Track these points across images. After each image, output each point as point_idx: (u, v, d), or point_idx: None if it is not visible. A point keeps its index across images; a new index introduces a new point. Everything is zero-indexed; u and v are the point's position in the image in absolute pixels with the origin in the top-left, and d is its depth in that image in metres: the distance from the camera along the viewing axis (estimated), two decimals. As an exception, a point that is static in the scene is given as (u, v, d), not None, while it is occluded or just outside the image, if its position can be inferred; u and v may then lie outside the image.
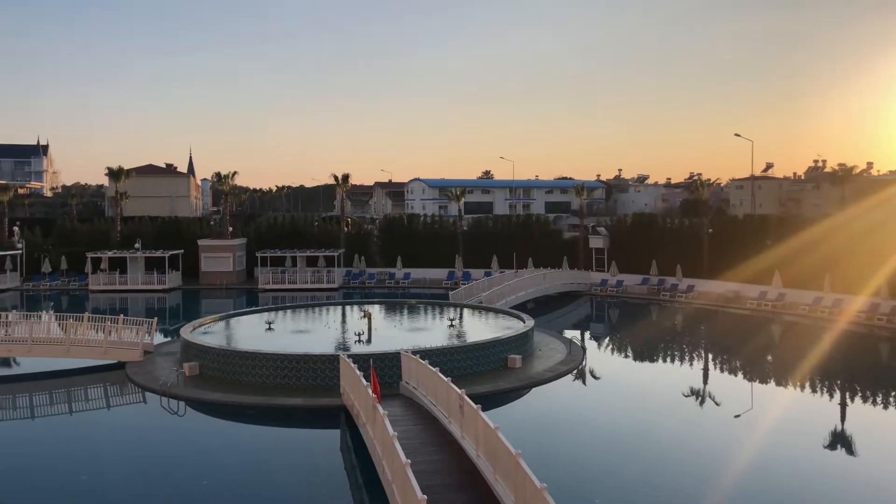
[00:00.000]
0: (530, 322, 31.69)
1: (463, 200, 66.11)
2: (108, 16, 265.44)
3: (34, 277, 59.04)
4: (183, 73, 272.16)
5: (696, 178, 78.03)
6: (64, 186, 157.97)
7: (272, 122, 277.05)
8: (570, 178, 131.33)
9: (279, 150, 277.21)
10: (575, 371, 28.51)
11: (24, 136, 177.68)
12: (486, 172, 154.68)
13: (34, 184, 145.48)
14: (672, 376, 30.28)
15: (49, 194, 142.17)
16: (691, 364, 33.64)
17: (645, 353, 36.04)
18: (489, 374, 26.69)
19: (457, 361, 26.13)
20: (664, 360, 34.45)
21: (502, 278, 47.69)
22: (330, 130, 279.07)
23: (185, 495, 17.09)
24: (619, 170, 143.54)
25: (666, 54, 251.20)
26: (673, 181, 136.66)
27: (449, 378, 18.26)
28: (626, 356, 36.36)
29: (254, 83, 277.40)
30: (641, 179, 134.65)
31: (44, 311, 35.10)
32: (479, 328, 33.44)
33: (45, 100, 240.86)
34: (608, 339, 40.92)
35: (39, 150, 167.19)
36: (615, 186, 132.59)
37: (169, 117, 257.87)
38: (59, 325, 30.59)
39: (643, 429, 22.08)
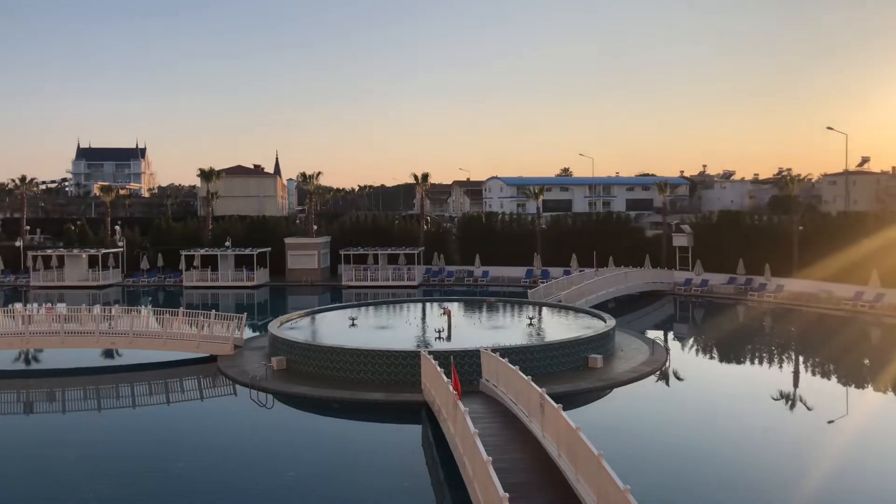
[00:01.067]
0: (611, 322, 31.31)
1: (541, 198, 65.75)
2: (198, 23, 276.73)
3: (134, 274, 62.56)
4: (269, 75, 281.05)
5: (785, 173, 74.78)
6: (160, 187, 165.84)
7: (354, 123, 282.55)
8: (652, 175, 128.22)
9: (361, 150, 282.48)
10: (658, 372, 27.99)
11: (124, 140, 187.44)
12: (565, 170, 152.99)
13: (133, 185, 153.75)
14: (760, 379, 29.29)
15: (146, 195, 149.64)
16: (781, 367, 32.41)
17: (732, 355, 34.99)
18: (569, 373, 26.55)
19: (537, 360, 26.10)
20: (752, 363, 33.32)
21: (582, 277, 47.19)
22: (410, 130, 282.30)
23: (273, 486, 17.74)
24: (704, 166, 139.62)
25: (752, 45, 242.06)
26: (761, 177, 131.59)
27: (529, 377, 18.31)
28: (712, 358, 35.38)
29: (337, 85, 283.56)
30: (727, 175, 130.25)
31: (142, 306, 37.04)
32: (559, 327, 33.25)
33: (143, 104, 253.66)
34: (693, 339, 39.88)
35: (138, 153, 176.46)
36: (700, 183, 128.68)
37: (256, 119, 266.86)
38: (157, 319, 32.26)
39: (729, 433, 21.52)
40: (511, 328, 34.06)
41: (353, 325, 34.23)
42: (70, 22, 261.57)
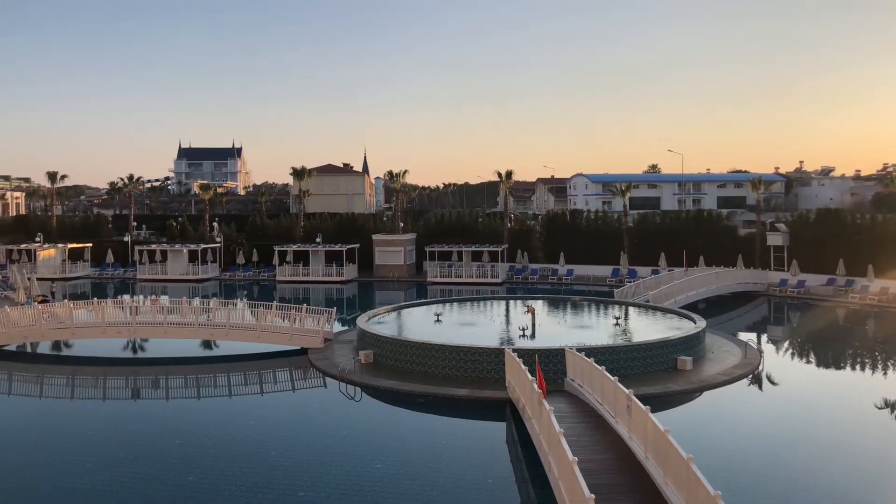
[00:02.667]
0: (701, 323, 30.52)
1: (628, 195, 64.58)
2: (291, 27, 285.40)
3: (230, 268, 65.47)
4: (358, 75, 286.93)
5: (891, 169, 70.55)
6: (255, 185, 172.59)
7: (439, 122, 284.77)
8: (745, 172, 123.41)
9: (446, 148, 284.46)
10: (751, 376, 27.11)
11: (221, 140, 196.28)
12: (653, 166, 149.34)
13: (230, 183, 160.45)
14: (862, 386, 27.83)
15: (242, 193, 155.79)
16: (885, 374, 30.71)
17: (831, 360, 33.45)
18: (657, 375, 26.07)
19: (623, 361, 25.78)
20: (853, 369, 31.73)
21: (671, 276, 46.12)
22: (494, 128, 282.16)
23: (361, 477, 18.25)
24: (801, 162, 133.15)
25: (852, 32, 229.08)
26: (863, 173, 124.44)
27: (615, 377, 18.15)
28: (809, 362, 33.91)
29: (424, 84, 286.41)
30: (826, 172, 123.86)
31: (238, 300, 38.67)
32: (647, 328, 32.66)
33: (239, 106, 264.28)
34: (788, 342, 38.28)
35: (234, 153, 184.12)
36: (796, 180, 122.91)
37: (346, 118, 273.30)
38: (252, 312, 33.66)
39: (826, 441, 20.67)
40: (596, 328, 33.70)
41: (438, 321, 34.66)
42: (171, 28, 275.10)
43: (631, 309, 37.67)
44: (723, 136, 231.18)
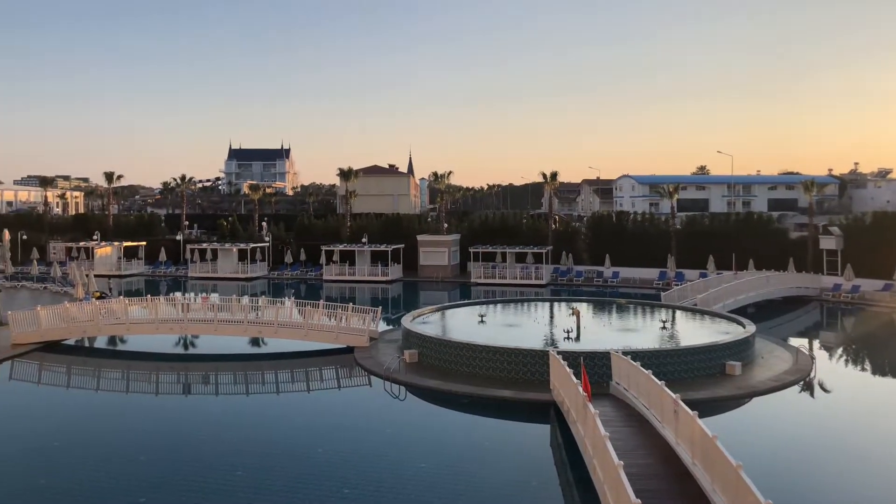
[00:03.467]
0: (751, 327, 29.93)
1: (676, 197, 63.61)
2: (337, 31, 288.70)
3: (278, 267, 66.62)
4: (403, 78, 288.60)
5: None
6: (302, 186, 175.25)
7: (484, 123, 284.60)
8: (797, 173, 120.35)
9: (491, 149, 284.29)
10: (802, 382, 26.49)
11: (270, 142, 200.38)
12: (701, 168, 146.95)
13: (278, 183, 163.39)
14: (920, 396, 27.00)
15: (290, 193, 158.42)
16: (945, 384, 29.68)
17: (887, 367, 32.50)
18: (705, 379, 25.67)
19: (670, 365, 25.46)
20: (910, 378, 30.76)
21: (719, 280, 45.33)
22: (539, 129, 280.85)
23: (405, 476, 18.45)
24: (856, 163, 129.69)
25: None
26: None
27: (662, 381, 17.97)
28: (864, 369, 32.94)
29: (467, 86, 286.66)
30: (883, 174, 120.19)
31: (286, 298, 39.33)
32: (694, 332, 32.17)
33: (288, 108, 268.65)
34: (842, 349, 37.24)
35: (283, 154, 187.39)
36: (850, 182, 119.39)
37: (390, 120, 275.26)
38: (299, 310, 34.20)
39: (883, 453, 20.07)
40: (642, 331, 33.33)
41: (482, 321, 34.70)
42: (223, 31, 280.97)
43: (678, 312, 37.13)
44: (774, 138, 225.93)
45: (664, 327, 33.32)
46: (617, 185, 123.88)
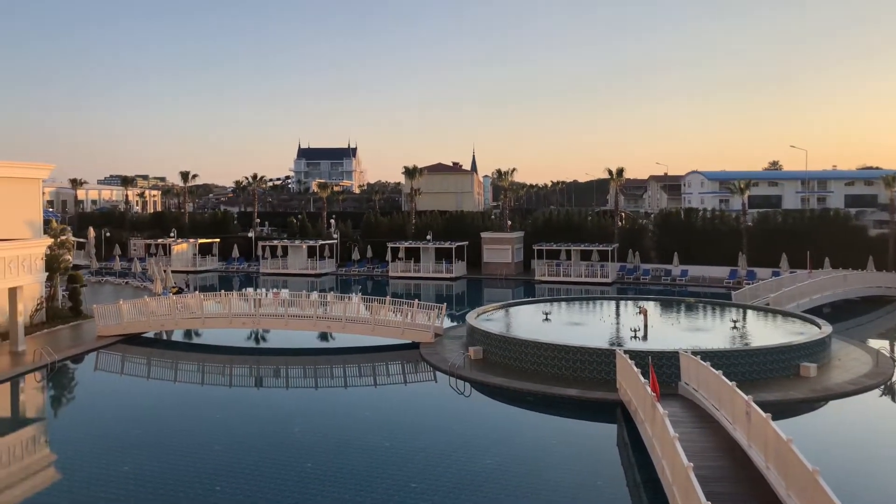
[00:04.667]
0: (827, 328, 28.95)
1: (747, 193, 61.79)
2: (403, 32, 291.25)
3: (346, 264, 67.89)
4: (466, 75, 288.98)
5: None
6: (368, 184, 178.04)
7: (547, 120, 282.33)
8: (877, 168, 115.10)
9: (555, 146, 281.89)
10: (883, 386, 25.47)
11: (338, 141, 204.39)
12: (774, 163, 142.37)
13: (346, 182, 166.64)
14: None
15: (357, 191, 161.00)
16: None
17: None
18: (778, 381, 24.99)
19: (742, 366, 24.89)
20: None
21: (793, 279, 43.90)
22: (603, 125, 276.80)
23: (471, 471, 18.59)
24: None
25: None
26: None
27: (733, 382, 17.61)
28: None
29: (530, 82, 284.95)
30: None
31: (353, 294, 40.10)
32: (767, 332, 31.32)
33: (354, 107, 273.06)
34: (926, 352, 35.55)
35: (350, 153, 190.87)
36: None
37: (454, 118, 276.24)
38: (366, 306, 34.79)
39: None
40: (712, 331, 32.61)
41: (546, 319, 34.58)
42: (291, 34, 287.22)
43: (749, 312, 36.16)
44: (851, 131, 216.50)
45: (735, 327, 32.53)
46: (685, 181, 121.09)
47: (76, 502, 16.62)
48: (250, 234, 75.94)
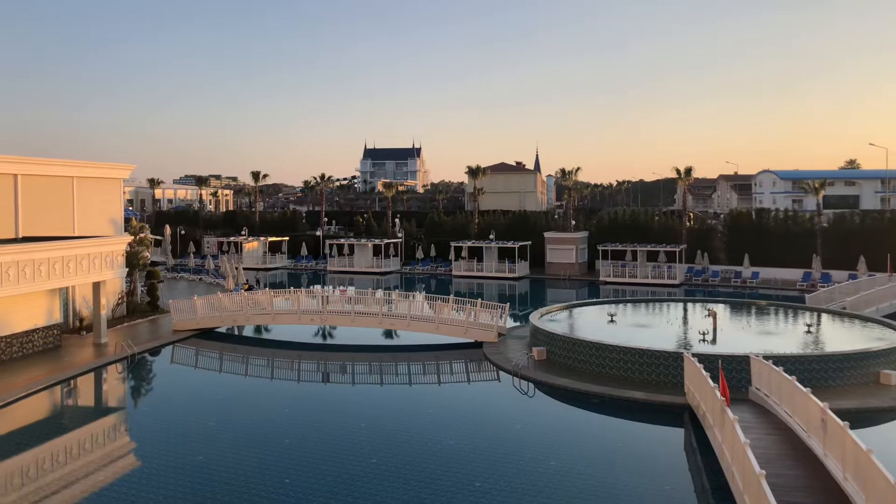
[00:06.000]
0: (910, 335, 27.70)
1: (822, 193, 59.57)
2: (465, 34, 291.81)
3: (410, 262, 68.57)
4: (528, 75, 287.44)
5: None
6: (432, 184, 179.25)
7: (613, 118, 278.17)
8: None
9: (620, 145, 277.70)
10: (971, 397, 24.18)
11: (402, 141, 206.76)
12: (851, 162, 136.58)
13: (410, 182, 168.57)
14: None
15: (421, 191, 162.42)
16: None
17: None
18: (856, 389, 24.08)
19: (817, 371, 24.08)
20: None
21: (872, 282, 42.17)
22: (671, 123, 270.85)
23: (535, 473, 18.53)
24: None
25: None
26: None
27: (808, 389, 17.09)
28: None
29: (594, 81, 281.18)
30: None
31: (417, 292, 40.49)
32: (843, 337, 30.21)
33: (419, 108, 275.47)
34: None
35: (414, 153, 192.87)
36: None
37: (518, 117, 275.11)
38: (430, 305, 35.08)
39: None
40: (785, 335, 31.62)
41: (611, 321, 34.17)
42: (356, 37, 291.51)
43: (824, 316, 34.88)
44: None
45: (809, 331, 31.46)
46: (756, 180, 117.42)
47: (154, 489, 17.34)
48: (318, 233, 77.52)
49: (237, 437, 21.43)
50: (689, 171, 66.44)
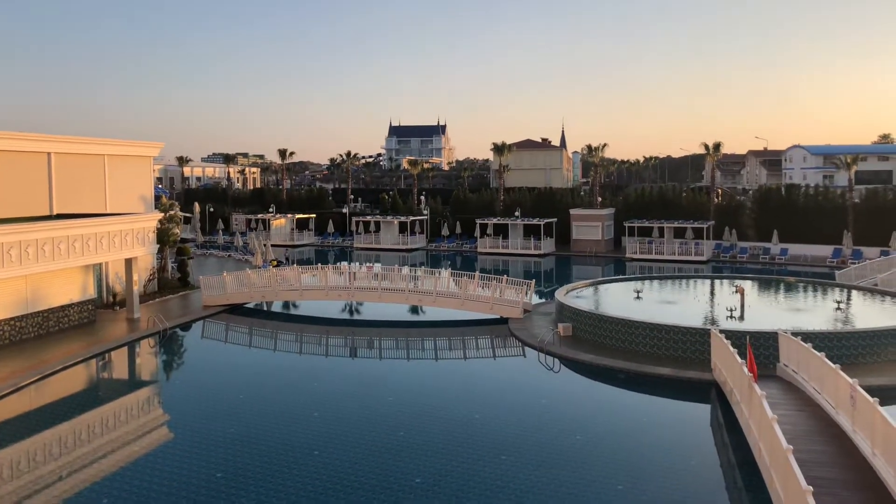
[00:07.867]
0: (943, 312, 27.27)
1: (854, 169, 58.43)
2: (487, 8, 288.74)
3: (436, 239, 68.79)
4: (553, 53, 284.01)
5: None
6: (457, 161, 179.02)
7: (639, 94, 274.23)
8: None
9: (647, 120, 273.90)
10: None
11: (427, 118, 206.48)
12: (884, 136, 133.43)
13: (435, 159, 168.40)
14: None
15: (446, 168, 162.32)
16: None
17: None
18: (886, 365, 23.82)
19: (846, 348, 23.86)
20: None
21: (906, 259, 41.36)
22: (699, 98, 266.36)
23: (562, 446, 18.70)
24: None
25: None
26: None
27: (837, 365, 16.97)
28: None
29: (620, 57, 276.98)
30: None
31: (443, 269, 40.64)
32: (873, 313, 29.87)
33: (444, 84, 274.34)
34: None
35: (439, 130, 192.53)
36: None
37: (544, 93, 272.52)
38: (455, 281, 35.23)
39: None
40: (814, 311, 31.29)
41: (638, 297, 34.06)
42: (384, 15, 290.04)
43: (854, 292, 34.44)
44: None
45: (839, 308, 31.10)
46: (786, 156, 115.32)
47: (187, 461, 17.79)
48: (344, 210, 77.94)
49: (267, 410, 21.84)
50: (717, 146, 65.47)
